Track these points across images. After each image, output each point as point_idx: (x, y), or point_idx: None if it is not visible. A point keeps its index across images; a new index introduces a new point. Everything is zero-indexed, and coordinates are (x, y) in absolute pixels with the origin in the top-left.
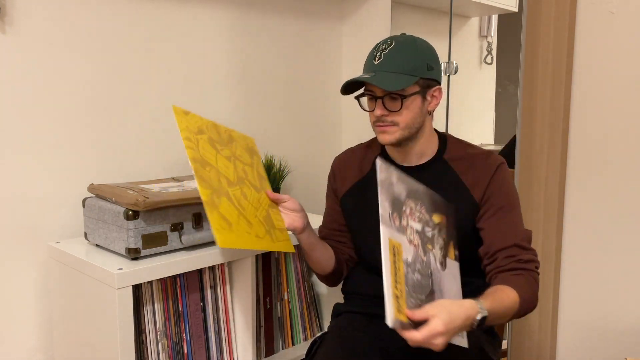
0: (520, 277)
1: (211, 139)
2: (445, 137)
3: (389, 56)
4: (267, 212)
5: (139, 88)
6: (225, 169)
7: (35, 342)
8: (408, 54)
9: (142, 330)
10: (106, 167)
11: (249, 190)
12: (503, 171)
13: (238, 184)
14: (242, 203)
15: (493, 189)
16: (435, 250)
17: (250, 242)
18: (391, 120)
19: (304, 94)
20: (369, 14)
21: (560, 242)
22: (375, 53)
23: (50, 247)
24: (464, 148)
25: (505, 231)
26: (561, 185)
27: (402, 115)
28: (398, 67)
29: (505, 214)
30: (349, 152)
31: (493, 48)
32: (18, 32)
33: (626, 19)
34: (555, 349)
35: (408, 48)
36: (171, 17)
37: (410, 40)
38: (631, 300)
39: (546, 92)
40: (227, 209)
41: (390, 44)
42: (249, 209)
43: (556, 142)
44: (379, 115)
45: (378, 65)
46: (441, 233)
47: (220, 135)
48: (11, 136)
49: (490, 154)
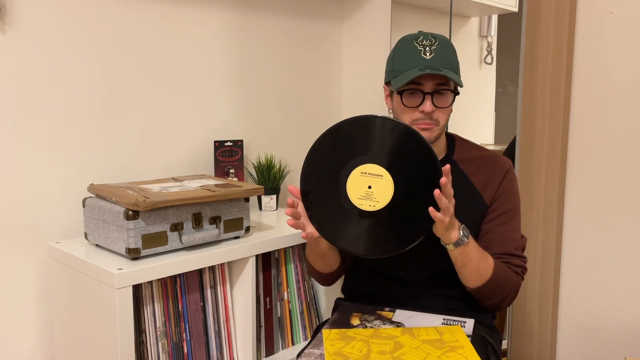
0: (505, 265)
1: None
2: (453, 137)
3: (440, 52)
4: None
5: (139, 88)
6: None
7: (35, 342)
8: (452, 52)
9: (142, 330)
10: (106, 167)
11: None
12: (512, 175)
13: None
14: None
15: (502, 192)
16: None
17: None
18: (436, 117)
19: (304, 94)
20: (369, 14)
21: (560, 242)
22: (422, 48)
23: (50, 247)
24: (471, 149)
25: (503, 238)
26: (561, 185)
27: (445, 112)
28: (449, 64)
29: (507, 219)
30: None
31: (493, 48)
32: (18, 32)
33: (626, 19)
34: (555, 349)
35: (450, 46)
36: (171, 17)
37: (447, 38)
38: (631, 301)
39: (546, 92)
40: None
41: (435, 40)
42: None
43: (556, 142)
44: (430, 112)
45: (431, 61)
46: None
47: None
48: (11, 136)
49: (499, 156)
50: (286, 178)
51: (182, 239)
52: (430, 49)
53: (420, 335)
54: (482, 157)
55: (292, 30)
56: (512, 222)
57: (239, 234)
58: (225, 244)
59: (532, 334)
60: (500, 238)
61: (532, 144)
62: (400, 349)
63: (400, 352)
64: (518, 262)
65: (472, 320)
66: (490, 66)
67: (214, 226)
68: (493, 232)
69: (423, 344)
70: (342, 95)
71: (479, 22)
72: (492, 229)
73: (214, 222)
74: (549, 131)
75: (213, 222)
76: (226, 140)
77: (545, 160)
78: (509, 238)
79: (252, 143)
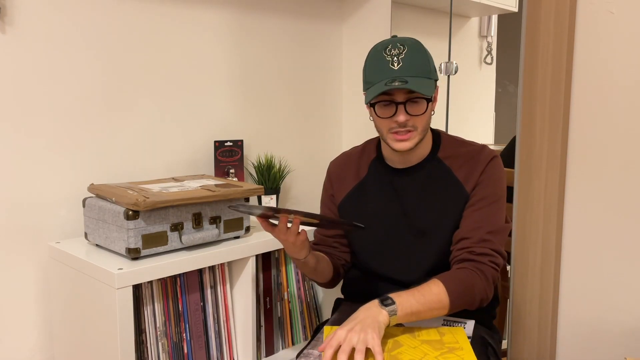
0: (462, 271)
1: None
2: (439, 135)
3: (408, 61)
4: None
5: (139, 88)
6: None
7: (35, 342)
8: (423, 57)
9: (142, 330)
10: (106, 167)
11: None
12: (495, 165)
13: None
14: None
15: (482, 180)
16: None
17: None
18: (412, 124)
19: (304, 94)
20: (369, 14)
21: (560, 242)
22: (390, 58)
23: (50, 247)
24: (457, 145)
25: (476, 221)
26: (561, 186)
27: (422, 118)
28: (419, 71)
29: (485, 205)
30: (345, 156)
31: (493, 48)
32: (18, 32)
33: (626, 19)
34: (555, 349)
35: (420, 51)
36: (172, 17)
37: (417, 43)
38: (631, 301)
39: (546, 92)
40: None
41: (403, 48)
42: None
43: (556, 142)
44: (403, 121)
45: (399, 71)
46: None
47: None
48: (11, 136)
49: (483, 148)
50: (286, 178)
51: (182, 239)
52: (399, 59)
53: (421, 335)
54: (468, 152)
55: (292, 31)
56: (491, 208)
57: (239, 234)
58: (225, 244)
59: (532, 334)
60: (472, 222)
61: (532, 144)
62: (398, 347)
63: (397, 352)
64: (483, 249)
65: (473, 321)
66: (490, 66)
67: (214, 226)
68: (467, 217)
69: (422, 344)
70: (342, 95)
71: (479, 22)
72: (468, 215)
73: (214, 222)
74: (549, 131)
75: (213, 222)
76: (226, 140)
77: (545, 160)
78: (480, 222)
79: (252, 143)
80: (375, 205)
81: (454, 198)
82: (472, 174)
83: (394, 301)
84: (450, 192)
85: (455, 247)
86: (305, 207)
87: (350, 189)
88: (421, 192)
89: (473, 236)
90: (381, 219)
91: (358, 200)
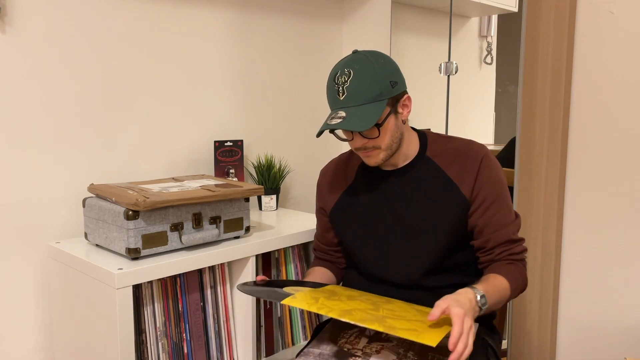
0: (512, 265)
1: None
2: (425, 135)
3: (352, 89)
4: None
5: (139, 88)
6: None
7: (35, 342)
8: (370, 81)
9: (142, 330)
10: (106, 167)
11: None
12: (488, 162)
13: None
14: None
15: (481, 183)
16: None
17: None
18: (372, 145)
19: (304, 94)
20: (369, 14)
21: (560, 242)
22: (337, 87)
23: (50, 247)
24: (444, 142)
25: (499, 227)
26: (561, 185)
27: (382, 139)
28: (364, 98)
29: (497, 207)
30: (332, 164)
31: (493, 48)
32: (18, 32)
33: (626, 19)
34: (555, 349)
35: (368, 73)
36: (172, 17)
37: (366, 62)
38: (631, 301)
39: (546, 92)
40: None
41: (349, 75)
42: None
43: (556, 142)
44: (360, 146)
45: (344, 101)
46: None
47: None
48: (11, 136)
49: (471, 145)
50: (286, 178)
51: (182, 239)
52: (343, 88)
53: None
54: (456, 148)
55: (292, 30)
56: (503, 208)
57: (239, 234)
58: (225, 244)
59: (532, 334)
60: (498, 228)
61: (532, 144)
62: (388, 304)
63: (393, 305)
64: (519, 247)
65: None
66: (490, 66)
67: (214, 226)
68: (490, 224)
69: (413, 308)
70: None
71: (479, 22)
72: (487, 221)
73: (214, 222)
74: (549, 131)
75: (213, 222)
76: (226, 140)
77: (545, 160)
78: (505, 225)
79: (252, 143)
80: (365, 209)
81: (447, 197)
82: (466, 176)
83: (486, 301)
84: (443, 191)
85: (492, 252)
86: (305, 207)
87: (339, 195)
88: (412, 193)
89: (503, 242)
90: (373, 223)
91: (347, 205)
